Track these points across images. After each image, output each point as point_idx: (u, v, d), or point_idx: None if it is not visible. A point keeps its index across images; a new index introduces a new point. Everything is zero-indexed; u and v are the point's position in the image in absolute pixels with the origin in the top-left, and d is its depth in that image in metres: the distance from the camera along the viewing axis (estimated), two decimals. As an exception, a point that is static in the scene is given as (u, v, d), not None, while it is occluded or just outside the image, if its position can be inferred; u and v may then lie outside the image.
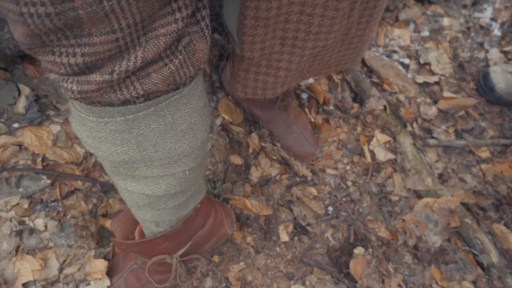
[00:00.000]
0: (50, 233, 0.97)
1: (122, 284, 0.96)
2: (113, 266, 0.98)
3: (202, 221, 0.89)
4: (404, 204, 1.25)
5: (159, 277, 0.94)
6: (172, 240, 0.83)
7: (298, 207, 1.18)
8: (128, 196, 0.70)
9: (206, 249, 0.97)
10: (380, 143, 1.27)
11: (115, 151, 0.59)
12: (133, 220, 0.89)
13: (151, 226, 0.78)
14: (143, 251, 0.84)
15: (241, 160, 1.19)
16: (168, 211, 0.73)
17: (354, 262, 1.14)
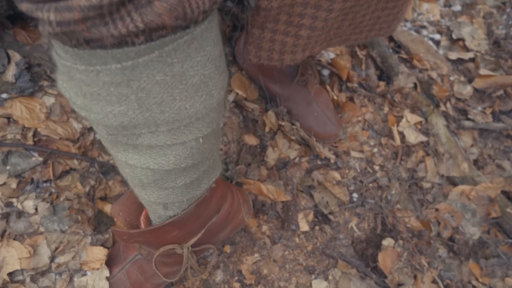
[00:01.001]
0: (40, 217, 0.85)
1: (123, 277, 0.84)
2: (112, 255, 0.86)
3: (217, 205, 0.76)
4: (437, 191, 1.11)
5: (167, 270, 0.82)
6: (183, 228, 0.70)
7: (319, 193, 1.05)
8: (129, 172, 0.57)
9: (220, 239, 0.85)
10: (411, 124, 1.14)
11: (111, 111, 0.47)
12: (137, 203, 0.76)
13: (159, 209, 0.65)
14: (149, 241, 0.71)
15: (256, 140, 1.07)
16: (177, 190, 0.61)
17: (383, 255, 1.01)
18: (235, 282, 0.97)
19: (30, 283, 0.82)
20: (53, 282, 0.83)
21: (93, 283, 0.83)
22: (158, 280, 0.85)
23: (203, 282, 0.95)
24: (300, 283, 0.99)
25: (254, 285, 0.98)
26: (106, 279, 0.82)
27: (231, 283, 0.97)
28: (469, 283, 1.01)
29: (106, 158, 0.98)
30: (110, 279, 0.84)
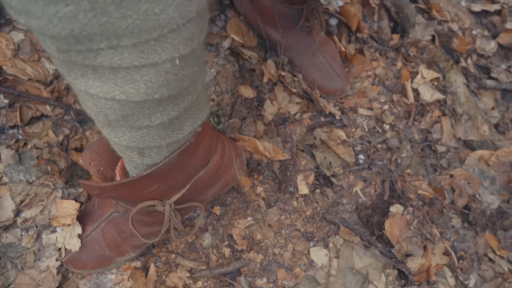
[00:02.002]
0: (4, 166, 0.75)
1: (98, 236, 0.75)
2: (86, 212, 0.77)
3: (205, 156, 0.65)
4: (453, 156, 1.00)
5: (147, 230, 0.72)
6: (164, 181, 0.60)
7: (322, 153, 0.94)
8: (92, 106, 0.46)
9: (208, 197, 0.74)
10: (426, 80, 1.02)
11: (55, 14, 0.36)
12: (112, 151, 0.64)
13: (134, 156, 0.55)
14: (125, 196, 0.61)
15: (253, 92, 0.95)
16: (153, 131, 0.50)
17: (390, 222, 0.91)
18: (225, 247, 0.87)
19: (-9, 238, 0.73)
20: (18, 239, 0.74)
21: (63, 240, 0.73)
22: (137, 241, 0.76)
23: (189, 246, 0.86)
24: (297, 251, 0.89)
25: (246, 251, 0.88)
26: (78, 237, 0.73)
27: (220, 248, 0.87)
28: (485, 256, 0.91)
29: (83, 106, 0.87)
30: (83, 238, 0.74)
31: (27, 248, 0.73)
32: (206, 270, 0.84)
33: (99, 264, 0.75)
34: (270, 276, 0.87)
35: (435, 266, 0.89)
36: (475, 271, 0.90)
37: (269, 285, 0.86)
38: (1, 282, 0.73)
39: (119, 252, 0.75)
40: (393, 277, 0.87)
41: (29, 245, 0.73)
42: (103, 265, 0.76)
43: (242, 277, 0.85)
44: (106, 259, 0.75)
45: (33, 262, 0.74)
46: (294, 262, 0.88)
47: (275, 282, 0.87)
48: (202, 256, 0.86)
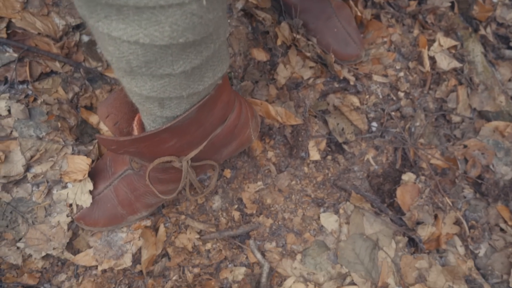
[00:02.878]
0: (14, 120, 0.74)
1: (110, 194, 0.74)
2: (98, 170, 0.76)
3: (223, 113, 0.64)
4: (467, 126, 0.99)
5: (161, 188, 0.71)
6: (182, 136, 0.59)
7: (334, 119, 0.93)
8: (114, 51, 0.44)
9: (223, 156, 0.73)
10: (444, 48, 0.99)
11: None
12: (129, 104, 0.64)
13: (153, 108, 0.53)
14: (142, 151, 0.59)
15: (266, 55, 0.93)
16: (175, 80, 0.48)
17: (401, 190, 0.90)
18: (235, 211, 0.87)
19: (2, 192, 0.72)
20: (29, 194, 0.74)
21: (74, 196, 0.73)
22: (150, 199, 0.75)
23: (199, 208, 0.86)
24: (306, 216, 0.88)
25: (255, 215, 0.88)
26: (89, 193, 0.72)
27: (229, 211, 0.87)
28: (496, 226, 0.91)
29: (93, 64, 0.85)
30: (95, 196, 0.74)
31: (38, 203, 0.73)
32: (216, 232, 0.84)
33: (111, 222, 0.75)
34: (279, 240, 0.87)
35: (445, 235, 0.89)
36: (486, 240, 0.89)
37: (278, 249, 0.86)
38: (12, 236, 0.73)
39: (131, 211, 0.74)
40: (403, 244, 0.87)
41: (40, 200, 0.73)
42: (115, 223, 0.76)
43: (251, 240, 0.85)
44: (118, 217, 0.74)
45: (44, 217, 0.73)
46: (304, 227, 0.88)
47: (284, 246, 0.86)
48: (211, 219, 0.85)
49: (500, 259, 0.88)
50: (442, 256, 0.89)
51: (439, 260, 0.88)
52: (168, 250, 0.82)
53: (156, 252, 0.80)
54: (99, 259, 0.77)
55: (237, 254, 0.85)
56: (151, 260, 0.79)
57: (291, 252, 0.86)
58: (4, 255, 0.73)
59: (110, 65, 0.47)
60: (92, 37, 0.86)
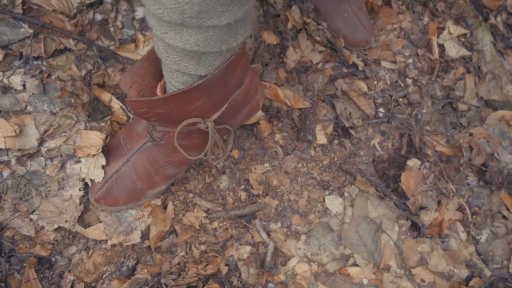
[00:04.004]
0: (29, 95, 0.76)
1: (129, 170, 0.75)
2: (112, 149, 0.77)
3: (241, 76, 0.67)
4: (474, 115, 0.99)
5: (182, 156, 0.74)
6: (209, 96, 0.62)
7: (342, 103, 0.94)
8: (169, 2, 0.46)
9: (237, 122, 0.76)
10: (453, 36, 0.99)
11: None
12: (153, 73, 0.66)
13: (190, 66, 0.55)
14: (171, 112, 0.61)
15: (276, 39, 0.94)
16: (218, 33, 0.51)
17: (406, 175, 0.91)
18: (241, 191, 0.89)
19: (16, 165, 0.74)
20: (42, 167, 0.76)
21: (87, 171, 0.75)
22: (170, 170, 0.76)
23: (207, 187, 0.87)
24: (312, 198, 0.90)
25: (261, 196, 0.90)
26: (102, 168, 0.74)
27: (236, 191, 0.88)
28: (499, 213, 0.92)
29: (106, 43, 0.86)
30: (113, 174, 0.75)
31: (51, 176, 0.75)
32: (222, 211, 0.86)
33: (131, 198, 0.76)
34: (284, 221, 0.88)
35: (448, 221, 0.90)
36: (488, 227, 0.91)
37: (283, 230, 0.88)
38: (26, 208, 0.75)
39: (151, 185, 0.76)
40: (406, 228, 0.89)
41: (53, 174, 0.75)
42: (134, 200, 0.77)
43: (257, 220, 0.87)
44: (137, 192, 0.76)
45: (57, 190, 0.75)
46: (309, 209, 0.89)
47: (289, 227, 0.88)
48: (218, 198, 0.87)
49: (501, 245, 0.89)
50: (444, 241, 0.90)
51: (440, 244, 0.90)
52: (176, 227, 0.84)
53: (164, 228, 0.82)
54: (109, 233, 0.79)
55: (243, 233, 0.87)
56: (159, 236, 0.81)
57: (295, 233, 0.88)
58: (18, 226, 0.75)
59: (157, 21, 0.49)
60: (105, 16, 0.87)
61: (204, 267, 0.80)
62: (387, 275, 0.85)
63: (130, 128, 0.77)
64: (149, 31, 0.90)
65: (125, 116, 0.84)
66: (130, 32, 0.90)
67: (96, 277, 0.77)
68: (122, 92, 0.86)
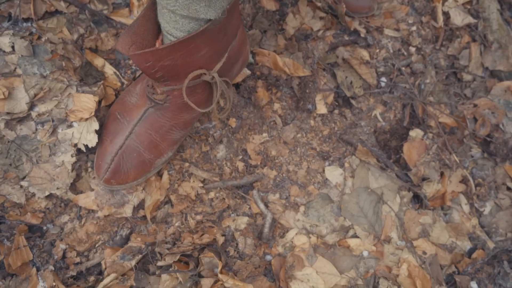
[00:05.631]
0: (18, 57, 0.73)
1: (133, 143, 0.71)
2: (109, 126, 0.73)
3: (237, 24, 0.66)
4: (478, 85, 0.96)
5: (187, 116, 0.72)
6: (212, 43, 0.61)
7: (343, 72, 0.91)
8: None
9: (234, 74, 0.76)
10: (459, 3, 0.96)
11: None
12: (151, 30, 0.63)
13: (200, 9, 0.54)
14: (177, 63, 0.60)
15: (275, 5, 0.91)
16: None
17: (408, 146, 0.89)
18: (239, 161, 0.86)
19: (5, 129, 0.72)
20: (33, 132, 0.73)
21: (79, 135, 0.72)
22: (176, 133, 0.74)
23: (203, 156, 0.85)
24: (311, 169, 0.88)
25: (259, 167, 0.87)
26: (95, 132, 0.72)
27: (234, 162, 0.86)
28: (503, 185, 0.90)
29: (99, 7, 0.83)
30: (118, 150, 0.70)
31: (42, 142, 0.72)
32: (219, 181, 0.83)
33: (141, 171, 0.73)
34: (283, 192, 0.86)
35: (450, 193, 0.88)
36: (492, 199, 0.89)
37: (281, 201, 0.86)
38: (16, 174, 0.72)
39: (158, 153, 0.73)
40: (408, 200, 0.86)
41: (44, 139, 0.72)
42: (144, 172, 0.74)
43: (255, 191, 0.85)
44: (146, 164, 0.73)
45: (48, 156, 0.73)
46: (308, 180, 0.87)
47: (288, 198, 0.86)
48: (215, 168, 0.85)
49: (505, 218, 0.87)
50: (447, 213, 0.88)
51: (443, 217, 0.88)
52: (171, 197, 0.81)
53: (160, 197, 0.79)
54: (100, 204, 0.77)
55: (240, 204, 0.84)
56: (155, 205, 0.79)
57: (294, 204, 0.85)
58: (8, 193, 0.72)
59: None
60: (97, -21, 0.83)
61: (199, 237, 0.78)
62: (388, 246, 0.83)
63: (123, 101, 0.74)
64: (144, -4, 0.87)
65: (119, 82, 0.81)
66: (124, -4, 0.87)
67: (88, 246, 0.75)
68: (115, 58, 0.83)
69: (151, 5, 0.61)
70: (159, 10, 0.59)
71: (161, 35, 0.64)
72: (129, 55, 0.57)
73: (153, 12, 0.61)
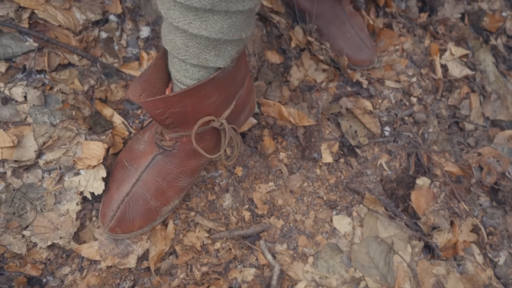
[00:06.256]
0: (29, 106, 0.74)
1: (140, 190, 0.70)
2: (117, 173, 0.73)
3: (244, 73, 0.68)
4: (481, 134, 0.98)
5: (194, 163, 0.72)
6: (221, 91, 0.63)
7: (347, 121, 0.92)
8: None
9: (241, 122, 0.77)
10: (455, 57, 1.00)
11: None
12: (162, 79, 0.65)
13: (209, 58, 0.57)
14: (187, 110, 0.61)
15: (279, 58, 0.94)
16: (240, 19, 0.54)
17: (416, 194, 0.88)
18: (245, 211, 0.85)
19: (12, 177, 0.71)
20: (39, 180, 0.72)
21: (86, 183, 0.72)
22: (183, 181, 0.73)
23: (209, 205, 0.84)
24: (319, 218, 0.86)
25: (266, 216, 0.86)
26: (102, 180, 0.71)
27: (240, 211, 0.85)
28: (516, 234, 0.88)
29: (110, 60, 0.86)
30: (124, 198, 0.70)
31: (48, 190, 0.72)
32: (225, 231, 0.81)
33: (147, 219, 0.72)
34: (290, 242, 0.84)
35: (462, 242, 0.86)
36: (505, 248, 0.86)
37: (289, 252, 0.83)
38: (18, 224, 0.71)
39: (165, 201, 0.72)
40: (419, 249, 0.84)
41: (50, 187, 0.72)
42: (150, 220, 0.73)
43: (262, 241, 0.83)
44: (152, 212, 0.72)
45: (53, 204, 0.72)
46: (316, 230, 0.85)
47: (296, 249, 0.84)
48: (221, 217, 0.83)
49: (520, 268, 0.84)
50: (460, 264, 0.85)
51: (456, 267, 0.85)
52: (176, 248, 0.79)
53: (164, 248, 0.77)
54: (103, 254, 0.75)
55: (247, 255, 0.82)
56: (159, 256, 0.77)
57: (302, 255, 0.83)
58: (9, 244, 0.70)
59: (181, 12, 0.51)
60: (110, 34, 0.87)
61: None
62: (401, 300, 0.79)
63: (131, 149, 0.75)
64: (153, 50, 0.91)
65: (127, 131, 0.82)
66: (135, 50, 0.90)
67: (89, 300, 0.72)
68: (124, 108, 0.85)
69: (161, 55, 0.63)
70: (170, 59, 0.62)
71: (170, 83, 0.66)
72: (140, 102, 0.58)
73: (163, 61, 0.63)
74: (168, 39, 0.57)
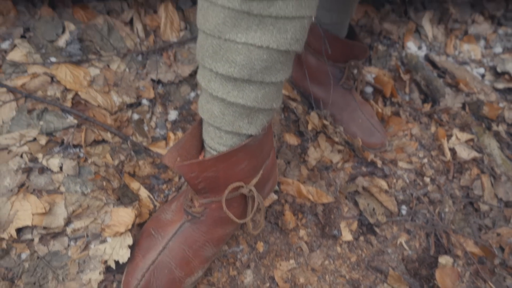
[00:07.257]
0: (64, 176, 0.78)
1: (166, 258, 0.70)
2: (143, 242, 0.73)
3: (270, 145, 0.73)
4: (497, 214, 0.99)
5: (221, 231, 0.74)
6: (251, 158, 0.66)
7: (365, 200, 0.95)
8: (243, 59, 0.53)
9: (265, 193, 0.79)
10: (461, 141, 1.06)
11: None
12: (196, 146, 0.70)
13: (243, 125, 0.62)
14: (219, 175, 0.64)
15: (297, 140, 1.00)
16: (273, 90, 0.59)
17: (440, 273, 0.86)
18: (266, 289, 0.83)
19: (39, 244, 0.72)
20: (65, 248, 0.73)
21: (111, 251, 0.72)
22: (209, 250, 0.73)
23: (230, 281, 0.82)
24: (342, 298, 0.83)
25: (288, 295, 0.83)
26: (128, 247, 0.71)
27: (261, 289, 0.82)
28: (549, 316, 0.83)
29: (140, 139, 0.92)
30: (150, 266, 0.69)
31: (72, 258, 0.71)
32: (246, 310, 0.78)
33: None
34: (314, 324, 0.80)
35: (494, 326, 0.81)
36: (541, 332, 0.81)
37: (313, 334, 0.79)
38: (39, 293, 0.69)
39: (189, 271, 0.71)
40: (450, 332, 0.80)
41: (75, 255, 0.72)
42: None
43: (284, 322, 0.79)
44: (176, 282, 0.70)
45: (76, 273, 0.71)
46: (340, 310, 0.82)
47: (320, 331, 0.79)
48: (242, 295, 0.81)
49: None
50: None
51: None
52: (195, 327, 0.75)
53: (183, 325, 0.74)
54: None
55: (269, 337, 0.78)
56: (177, 335, 0.73)
57: (327, 338, 0.78)
58: (25, 316, 0.68)
59: (221, 83, 0.58)
60: (141, 116, 0.95)
61: None
62: None
63: (158, 218, 0.77)
64: (180, 131, 0.97)
65: (152, 204, 0.84)
66: (162, 131, 0.97)
67: None
68: (150, 183, 0.88)
69: (197, 125, 0.69)
70: (205, 128, 0.67)
71: (203, 151, 0.70)
72: (177, 166, 0.62)
73: (199, 130, 0.69)
74: (205, 108, 0.63)
